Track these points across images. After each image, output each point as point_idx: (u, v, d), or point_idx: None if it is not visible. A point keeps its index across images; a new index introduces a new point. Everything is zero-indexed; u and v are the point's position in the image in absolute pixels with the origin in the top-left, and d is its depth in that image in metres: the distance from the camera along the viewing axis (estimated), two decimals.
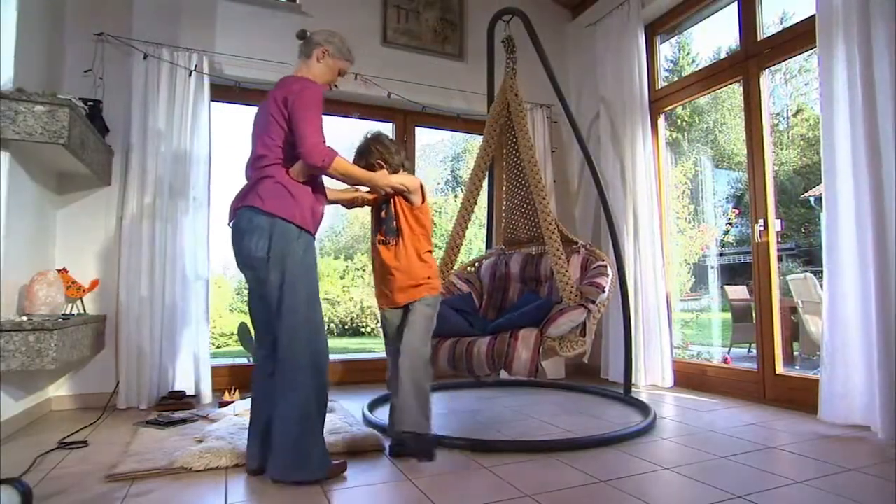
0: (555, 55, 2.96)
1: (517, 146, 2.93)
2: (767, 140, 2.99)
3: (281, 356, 1.75)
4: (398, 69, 3.69)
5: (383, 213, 2.08)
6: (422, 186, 2.08)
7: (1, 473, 1.61)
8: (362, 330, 8.56)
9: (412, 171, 3.84)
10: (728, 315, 5.88)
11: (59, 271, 2.62)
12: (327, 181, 1.96)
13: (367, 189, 2.08)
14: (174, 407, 2.76)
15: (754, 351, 5.29)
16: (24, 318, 2.20)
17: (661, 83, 3.74)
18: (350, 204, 2.20)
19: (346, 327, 8.47)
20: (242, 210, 1.79)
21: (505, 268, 3.04)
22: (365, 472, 1.90)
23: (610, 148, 3.69)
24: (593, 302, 2.38)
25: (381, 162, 2.05)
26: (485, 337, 2.36)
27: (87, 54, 2.96)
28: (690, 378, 3.36)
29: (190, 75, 3.07)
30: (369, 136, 2.11)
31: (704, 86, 3.42)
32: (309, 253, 1.81)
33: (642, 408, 2.74)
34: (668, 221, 3.68)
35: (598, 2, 3.90)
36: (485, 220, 3.60)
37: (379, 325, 2.14)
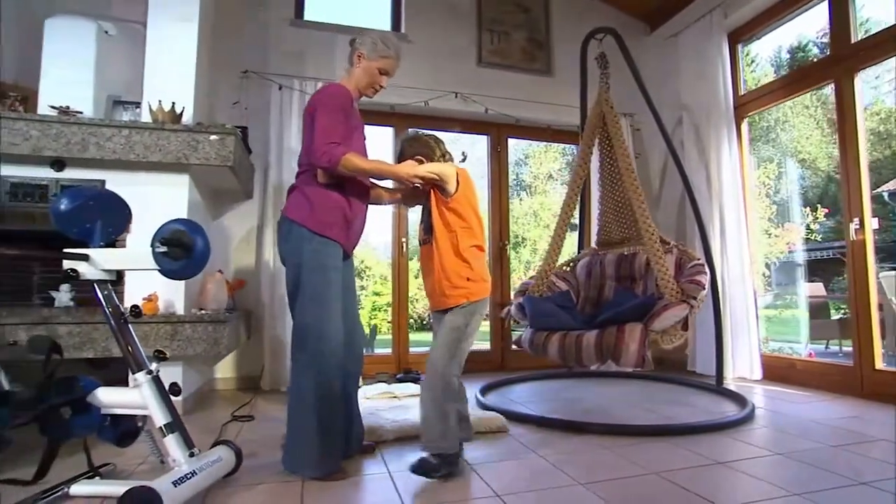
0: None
1: (612, 154, 2.96)
2: (862, 141, 2.86)
3: (291, 350, 1.77)
4: (492, 86, 3.80)
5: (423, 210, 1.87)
6: (458, 174, 1.76)
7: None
8: None
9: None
10: (802, 311, 5.60)
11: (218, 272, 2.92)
12: (387, 182, 1.91)
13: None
14: None
15: (833, 347, 5.03)
16: (203, 312, 2.48)
17: (742, 89, 3.64)
18: (410, 201, 1.98)
19: (424, 322, 8.75)
20: (281, 217, 1.86)
21: (600, 267, 3.07)
22: (494, 447, 2.02)
23: (694, 153, 3.62)
24: (695, 298, 2.39)
25: (419, 158, 1.84)
26: (592, 330, 2.42)
27: (234, 88, 3.29)
28: (779, 371, 3.26)
29: None
30: (403, 136, 1.96)
31: (791, 90, 3.31)
32: (320, 256, 1.72)
33: (735, 398, 2.70)
34: (752, 222, 3.57)
35: (679, 14, 3.85)
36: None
37: None
